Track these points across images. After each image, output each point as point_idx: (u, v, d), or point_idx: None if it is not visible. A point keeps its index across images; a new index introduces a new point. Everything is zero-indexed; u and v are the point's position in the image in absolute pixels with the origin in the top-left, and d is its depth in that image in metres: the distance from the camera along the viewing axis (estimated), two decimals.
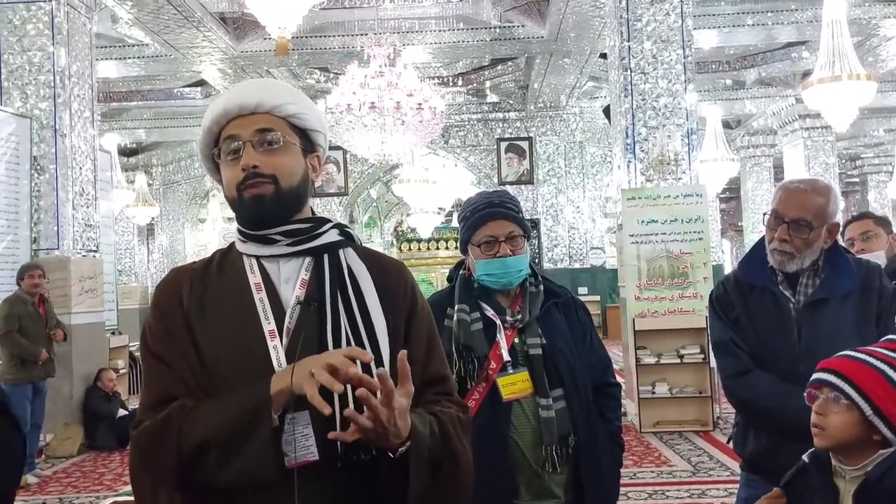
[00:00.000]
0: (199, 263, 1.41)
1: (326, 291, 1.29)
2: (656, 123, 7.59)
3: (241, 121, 1.33)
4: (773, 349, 2.07)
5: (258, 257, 1.34)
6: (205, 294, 1.33)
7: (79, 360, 7.25)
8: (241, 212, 1.33)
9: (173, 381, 1.26)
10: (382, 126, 8.58)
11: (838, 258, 2.11)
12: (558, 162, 14.31)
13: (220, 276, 1.36)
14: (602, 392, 2.09)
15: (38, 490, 5.76)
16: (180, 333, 1.29)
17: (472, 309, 2.03)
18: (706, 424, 6.75)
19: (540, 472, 1.93)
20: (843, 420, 1.55)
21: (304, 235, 1.32)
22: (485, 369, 1.97)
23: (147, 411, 1.26)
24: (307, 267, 1.32)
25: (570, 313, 2.09)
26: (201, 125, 1.40)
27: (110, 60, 10.61)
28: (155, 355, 1.30)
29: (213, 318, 1.31)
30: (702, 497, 4.88)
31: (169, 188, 16.75)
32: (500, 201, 2.03)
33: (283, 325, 1.28)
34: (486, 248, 2.01)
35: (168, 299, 1.33)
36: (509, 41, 10.75)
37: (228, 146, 1.33)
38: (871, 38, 10.93)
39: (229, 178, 1.33)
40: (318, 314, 1.27)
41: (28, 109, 7.22)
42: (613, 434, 2.09)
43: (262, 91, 1.36)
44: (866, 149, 18.99)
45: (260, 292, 1.30)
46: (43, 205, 7.25)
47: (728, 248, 28.52)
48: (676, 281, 6.99)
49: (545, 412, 1.93)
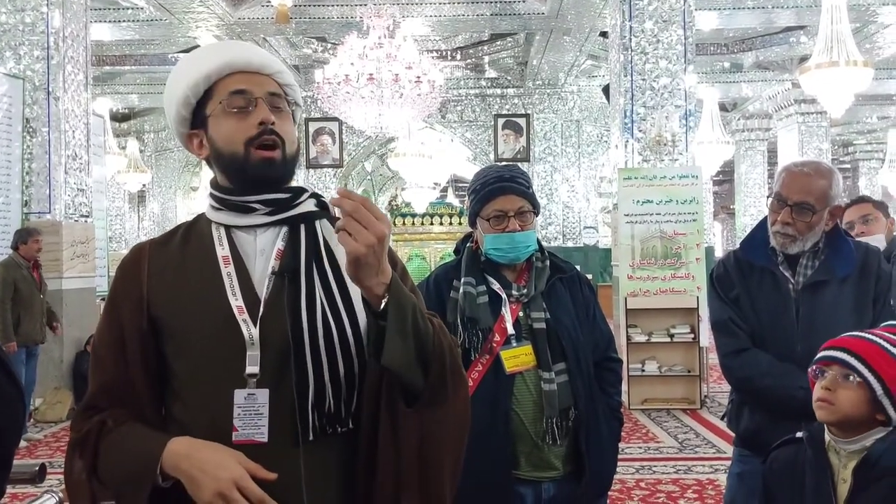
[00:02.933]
0: (162, 236, 1.37)
1: (302, 261, 1.26)
2: (655, 104, 7.59)
3: (246, 77, 1.30)
4: (771, 329, 2.10)
5: (229, 227, 1.30)
6: (166, 268, 1.30)
7: (69, 325, 7.23)
8: (244, 170, 1.26)
9: (103, 385, 1.28)
10: (380, 98, 8.51)
11: (839, 241, 2.13)
12: (555, 140, 14.27)
13: (184, 248, 1.32)
14: (603, 367, 2.11)
15: (28, 454, 5.79)
16: (129, 319, 1.27)
17: (479, 282, 2.04)
18: (693, 403, 6.84)
19: (540, 444, 1.96)
20: (854, 397, 1.58)
21: (282, 205, 1.28)
22: (489, 342, 1.99)
23: (83, 411, 1.29)
24: (283, 237, 1.29)
25: (575, 289, 2.11)
26: (179, 75, 1.32)
27: (104, 23, 10.44)
28: (95, 349, 1.32)
29: (176, 293, 1.27)
30: (687, 473, 4.96)
31: (161, 155, 16.60)
32: (511, 176, 2.03)
33: (252, 299, 1.25)
34: (494, 223, 2.01)
35: (123, 277, 1.31)
36: (509, 16, 10.66)
37: (235, 100, 1.28)
38: (869, 25, 10.91)
39: (234, 132, 1.27)
40: (291, 286, 1.24)
41: (21, 70, 7.13)
42: (613, 408, 2.11)
43: (261, 54, 1.34)
44: (859, 135, 19.04)
45: (228, 266, 1.27)
46: (35, 168, 7.18)
47: (719, 230, 28.66)
48: (669, 261, 7.03)
49: (547, 385, 1.95)
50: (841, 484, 1.60)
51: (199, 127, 1.32)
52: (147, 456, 1.18)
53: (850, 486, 1.58)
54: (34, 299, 6.19)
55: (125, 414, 1.26)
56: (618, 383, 2.15)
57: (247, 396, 1.20)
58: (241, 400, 1.20)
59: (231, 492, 1.12)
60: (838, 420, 1.61)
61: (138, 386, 1.26)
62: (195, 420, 1.23)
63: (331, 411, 1.22)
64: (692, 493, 4.53)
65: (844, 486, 1.60)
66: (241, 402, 1.20)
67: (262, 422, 1.19)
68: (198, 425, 1.22)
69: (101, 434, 1.24)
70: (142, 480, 1.18)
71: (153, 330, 1.26)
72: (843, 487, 1.60)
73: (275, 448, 1.20)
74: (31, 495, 2.45)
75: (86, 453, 1.24)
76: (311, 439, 1.21)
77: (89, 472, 1.24)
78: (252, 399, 1.20)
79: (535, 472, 1.98)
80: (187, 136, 1.34)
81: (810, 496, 1.63)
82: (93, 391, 1.30)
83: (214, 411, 1.22)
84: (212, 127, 1.30)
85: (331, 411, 1.22)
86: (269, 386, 1.21)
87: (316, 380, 1.21)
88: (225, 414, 1.21)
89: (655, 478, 4.84)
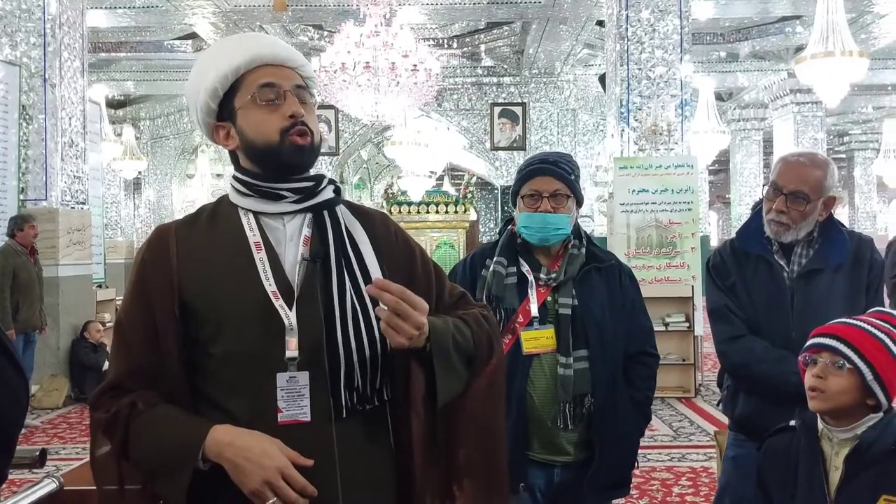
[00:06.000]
0: (185, 219, 1.39)
1: (331, 248, 1.31)
2: (650, 93, 7.60)
3: (274, 69, 1.34)
4: (766, 316, 2.13)
5: (257, 213, 1.33)
6: (195, 252, 1.32)
7: (66, 312, 7.24)
8: (278, 158, 1.31)
9: (131, 367, 1.30)
10: (377, 86, 8.50)
11: (833, 230, 2.16)
12: (551, 129, 14.27)
13: (211, 231, 1.34)
14: (637, 360, 2.11)
15: (24, 440, 5.81)
16: (160, 303, 1.29)
17: (510, 263, 2.08)
18: (688, 391, 6.89)
19: (552, 427, 1.99)
20: (844, 384, 1.61)
21: (308, 192, 1.34)
22: (512, 322, 2.02)
23: (108, 391, 1.31)
24: (308, 224, 1.34)
25: (613, 279, 2.11)
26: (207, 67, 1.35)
27: (100, 10, 10.39)
28: (121, 329, 1.33)
29: (209, 278, 1.30)
30: (682, 461, 5.01)
31: (157, 142, 16.55)
32: (555, 160, 2.07)
33: (284, 284, 1.29)
34: (529, 202, 2.05)
35: (152, 261, 1.32)
36: (506, 5, 10.64)
37: (265, 92, 1.32)
38: (865, 15, 10.91)
39: (266, 123, 1.31)
40: (322, 271, 1.30)
41: (17, 57, 7.10)
42: (639, 403, 2.10)
43: (287, 47, 1.38)
44: (854, 125, 19.08)
45: (260, 251, 1.30)
46: (31, 155, 7.18)
47: (715, 220, 28.71)
48: (664, 250, 7.06)
49: (563, 370, 1.98)
50: (833, 471, 1.63)
51: (226, 119, 1.36)
52: (188, 441, 1.22)
53: (841, 473, 1.61)
54: (33, 286, 6.19)
55: (154, 396, 1.28)
56: (650, 378, 2.13)
57: (289, 379, 1.26)
58: (284, 382, 1.26)
59: (277, 480, 1.17)
60: (830, 408, 1.63)
61: (170, 369, 1.29)
62: (233, 402, 1.27)
63: (360, 390, 1.29)
64: (686, 480, 4.59)
65: (836, 473, 1.62)
66: (284, 385, 1.26)
67: (304, 402, 1.26)
68: (237, 407, 1.27)
69: (132, 415, 1.26)
70: (183, 464, 1.21)
71: (184, 314, 1.29)
72: (835, 475, 1.62)
73: (313, 426, 1.27)
74: (30, 481, 2.48)
75: (115, 434, 1.27)
76: (343, 416, 1.28)
77: (118, 453, 1.27)
78: (294, 381, 1.26)
79: (547, 455, 2.01)
80: (214, 128, 1.37)
81: (803, 483, 1.66)
82: (119, 372, 1.31)
83: (254, 393, 1.27)
84: (241, 118, 1.33)
85: (360, 390, 1.29)
86: (305, 368, 1.27)
87: (346, 361, 1.27)
88: (264, 396, 1.26)
89: (650, 465, 4.89)
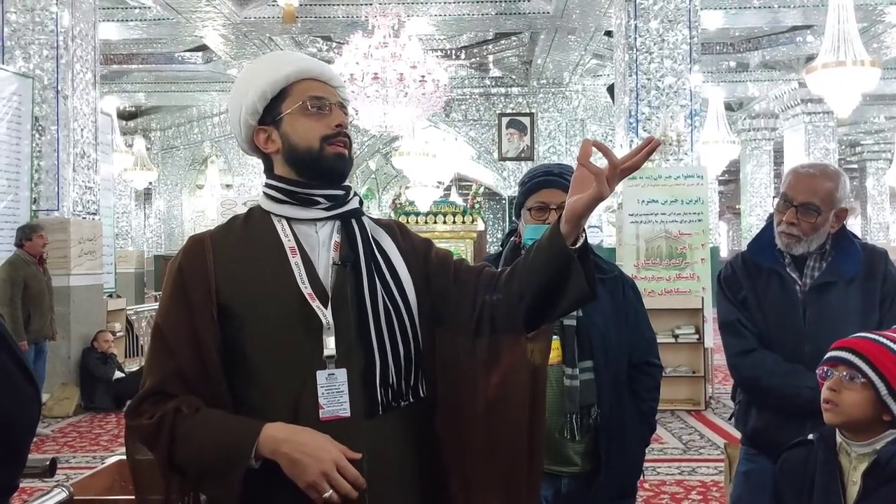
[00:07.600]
0: (218, 228, 1.46)
1: (360, 253, 1.38)
2: (660, 103, 7.60)
3: (321, 85, 1.43)
4: (778, 330, 2.11)
5: (290, 219, 1.40)
6: (231, 258, 1.37)
7: (77, 322, 7.28)
8: (318, 163, 1.39)
9: (173, 370, 1.32)
10: (385, 97, 8.55)
11: (845, 242, 2.14)
12: (559, 139, 14.28)
13: (246, 237, 1.41)
14: (640, 370, 2.10)
15: (35, 449, 5.82)
16: (200, 307, 1.33)
17: None
18: (698, 404, 6.84)
19: (558, 438, 1.98)
20: (858, 398, 1.59)
21: (339, 200, 1.41)
22: None
23: (148, 397, 1.33)
24: (337, 230, 1.41)
25: (617, 290, 2.11)
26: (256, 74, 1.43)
27: (111, 22, 10.49)
28: (160, 334, 1.36)
29: (246, 282, 1.36)
30: (692, 474, 4.97)
31: (167, 153, 16.66)
32: (560, 172, 2.06)
33: (319, 287, 1.35)
34: (536, 214, 2.05)
35: (190, 267, 1.37)
36: (514, 16, 10.67)
37: (314, 102, 1.40)
38: (877, 25, 10.89)
39: (312, 129, 1.39)
40: (353, 275, 1.37)
41: (30, 69, 7.17)
42: (644, 413, 2.10)
43: (330, 68, 1.49)
44: (866, 135, 18.99)
45: (295, 256, 1.37)
46: (44, 165, 7.24)
47: (725, 230, 28.61)
48: (674, 261, 7.03)
49: (569, 381, 1.98)
50: (851, 486, 1.61)
51: (269, 123, 1.42)
52: (240, 440, 1.27)
53: (859, 488, 1.59)
54: (43, 296, 6.22)
55: (197, 400, 1.32)
56: (654, 389, 2.13)
57: (328, 377, 1.32)
58: (324, 380, 1.32)
59: (333, 472, 1.23)
60: (843, 422, 1.62)
61: (211, 371, 1.33)
62: (272, 401, 1.32)
63: (394, 387, 1.35)
64: (696, 494, 4.55)
65: (854, 487, 1.60)
66: (324, 382, 1.32)
67: (344, 399, 1.32)
68: (277, 406, 1.31)
69: (177, 420, 1.29)
70: (236, 463, 1.26)
71: (222, 318, 1.33)
72: (853, 489, 1.60)
73: (351, 422, 1.31)
74: (40, 489, 2.48)
75: (161, 439, 1.29)
76: (380, 413, 1.33)
77: (167, 460, 1.29)
78: (333, 379, 1.32)
79: (554, 466, 2.00)
80: (255, 130, 1.44)
81: (819, 498, 1.64)
82: (162, 376, 1.34)
83: (293, 392, 1.32)
84: (287, 124, 1.41)
85: (394, 387, 1.35)
86: (341, 366, 1.32)
87: (381, 359, 1.33)
88: (304, 393, 1.31)
89: (660, 479, 4.85)
